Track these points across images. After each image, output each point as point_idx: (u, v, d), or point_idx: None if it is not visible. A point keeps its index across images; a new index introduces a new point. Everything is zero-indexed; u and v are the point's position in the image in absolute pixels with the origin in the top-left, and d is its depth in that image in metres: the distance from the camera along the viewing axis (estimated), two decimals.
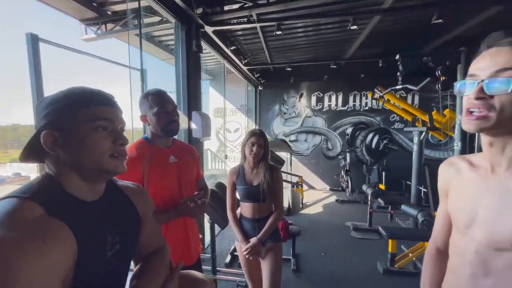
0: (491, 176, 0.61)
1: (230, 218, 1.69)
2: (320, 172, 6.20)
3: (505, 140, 0.56)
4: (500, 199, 0.58)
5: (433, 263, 0.79)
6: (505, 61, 0.52)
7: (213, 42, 3.34)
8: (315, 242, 3.34)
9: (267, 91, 6.43)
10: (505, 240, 0.56)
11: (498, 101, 0.52)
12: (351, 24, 2.72)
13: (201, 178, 1.39)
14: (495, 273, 0.58)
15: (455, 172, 0.71)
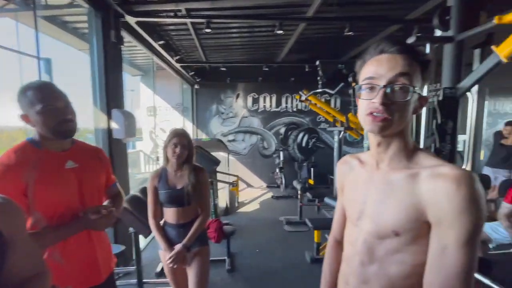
0: (376, 172, 0.66)
1: (152, 225, 1.56)
2: (257, 171, 6.39)
3: (391, 140, 0.62)
4: (383, 191, 0.63)
5: (332, 254, 0.84)
6: (402, 67, 0.57)
7: (138, 35, 3.06)
8: (251, 240, 3.41)
9: (204, 90, 6.28)
10: (386, 228, 0.61)
11: (397, 107, 0.57)
12: (277, 29, 2.86)
13: (113, 184, 1.24)
14: (378, 259, 0.63)
15: (348, 169, 0.77)
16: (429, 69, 0.60)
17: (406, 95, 0.56)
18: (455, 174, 0.53)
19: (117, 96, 2.61)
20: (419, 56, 0.58)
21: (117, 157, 2.53)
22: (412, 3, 3.01)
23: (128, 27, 2.78)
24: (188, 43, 4.39)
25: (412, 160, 0.62)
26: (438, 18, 1.56)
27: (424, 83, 0.60)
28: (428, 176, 0.56)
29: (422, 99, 0.61)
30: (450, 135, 1.60)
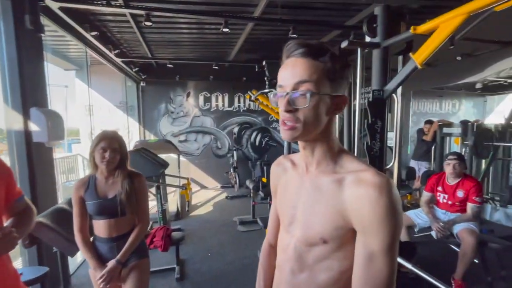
0: (306, 175, 0.65)
1: (78, 241, 1.37)
2: (211, 171, 6.25)
3: (314, 144, 0.62)
4: (312, 196, 0.62)
5: (266, 260, 0.81)
6: (301, 73, 0.55)
7: (65, 23, 2.68)
8: (203, 244, 3.30)
9: (151, 88, 5.88)
10: (315, 235, 0.60)
11: (302, 113, 0.56)
12: (223, 27, 2.81)
13: (17, 198, 1.03)
14: (308, 266, 0.62)
15: (282, 171, 0.74)
16: (339, 67, 0.57)
17: (306, 101, 0.55)
18: (377, 181, 0.53)
19: (38, 92, 2.24)
20: (324, 57, 0.56)
21: (39, 164, 2.18)
22: (350, 11, 3.26)
23: (51, 13, 2.41)
24: (130, 37, 4.03)
25: (338, 163, 0.62)
26: (367, 25, 1.70)
27: (336, 82, 0.58)
28: (352, 182, 0.57)
29: (339, 99, 0.59)
30: (380, 133, 1.76)
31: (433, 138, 4.29)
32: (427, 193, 2.60)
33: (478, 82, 5.49)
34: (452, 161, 2.41)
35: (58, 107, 6.69)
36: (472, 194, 2.32)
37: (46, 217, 1.53)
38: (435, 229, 2.32)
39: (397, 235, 0.53)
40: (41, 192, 2.13)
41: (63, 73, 5.65)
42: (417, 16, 3.27)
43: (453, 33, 1.34)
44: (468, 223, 2.27)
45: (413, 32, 1.43)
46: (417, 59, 1.46)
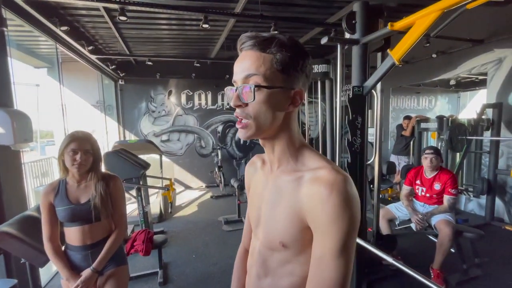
0: (270, 175, 0.62)
1: (48, 250, 1.28)
2: (195, 171, 6.14)
3: (273, 141, 0.58)
4: (273, 197, 0.59)
5: (240, 264, 0.78)
6: (249, 66, 0.52)
7: (30, 16, 2.50)
8: (187, 245, 3.22)
9: (130, 86, 5.67)
10: (274, 239, 0.57)
11: (251, 108, 0.53)
12: (202, 23, 2.74)
13: None
14: (271, 271, 0.59)
15: (253, 171, 0.71)
16: (291, 57, 0.52)
17: (251, 95, 0.52)
18: (329, 179, 0.50)
19: (1, 91, 2.07)
20: (271, 48, 0.51)
21: (6, 168, 2.03)
22: (332, 8, 3.28)
23: (14, 6, 2.23)
24: (105, 32, 3.86)
25: (299, 161, 0.58)
26: (346, 21, 1.71)
27: (289, 74, 0.53)
28: (308, 180, 0.53)
29: (294, 93, 0.55)
30: (360, 129, 1.78)
31: (412, 133, 4.44)
32: (407, 187, 2.68)
33: (452, 78, 5.74)
34: (429, 155, 2.50)
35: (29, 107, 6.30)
36: (448, 186, 2.41)
37: (11, 226, 1.42)
38: (414, 221, 2.39)
39: (350, 235, 0.50)
40: (8, 199, 1.98)
41: (33, 71, 5.32)
42: (395, 14, 3.35)
43: (428, 29, 1.36)
44: (445, 214, 2.36)
45: (391, 29, 1.45)
46: (395, 55, 1.48)
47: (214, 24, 3.57)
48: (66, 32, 3.01)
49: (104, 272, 1.35)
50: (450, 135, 3.32)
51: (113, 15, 3.12)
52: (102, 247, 1.34)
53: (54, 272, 2.62)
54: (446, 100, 7.69)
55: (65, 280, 1.29)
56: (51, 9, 2.83)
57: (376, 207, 2.05)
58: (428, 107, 7.47)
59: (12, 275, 1.96)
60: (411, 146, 4.57)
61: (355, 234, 0.51)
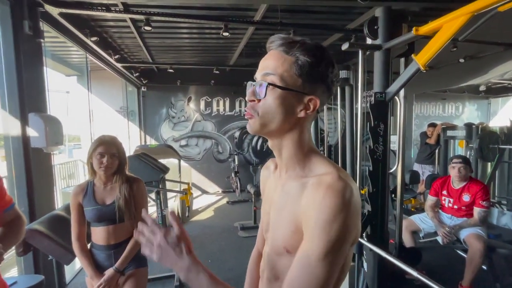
0: (279, 179, 0.62)
1: (76, 248, 1.34)
2: (212, 176, 6.21)
3: (280, 144, 0.58)
4: (281, 203, 0.59)
5: (253, 267, 0.79)
6: (269, 65, 0.53)
7: (65, 29, 2.69)
8: (203, 249, 3.25)
9: (152, 93, 5.89)
10: (279, 245, 0.57)
11: (261, 105, 0.54)
12: (223, 31, 2.80)
13: (8, 207, 1.00)
14: (280, 275, 0.59)
15: (267, 175, 0.71)
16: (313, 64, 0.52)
17: (263, 91, 0.53)
18: (327, 183, 0.49)
19: (37, 98, 2.23)
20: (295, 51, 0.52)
21: (38, 169, 2.16)
22: (352, 14, 3.24)
23: (51, 19, 2.41)
24: (130, 42, 4.05)
25: (306, 167, 0.57)
26: (367, 27, 1.68)
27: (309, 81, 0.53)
28: (312, 185, 0.52)
29: (309, 100, 0.54)
30: (382, 137, 1.72)
31: (437, 141, 4.23)
32: (432, 197, 2.54)
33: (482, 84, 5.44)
34: (457, 165, 2.36)
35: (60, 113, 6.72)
36: (479, 198, 2.26)
37: (42, 224, 1.50)
38: (441, 234, 2.25)
39: (338, 243, 0.47)
40: (39, 199, 2.11)
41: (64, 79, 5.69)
42: (418, 18, 3.25)
43: (456, 34, 1.31)
44: (475, 228, 2.21)
45: (415, 33, 1.40)
46: (420, 61, 1.43)
47: (234, 32, 3.64)
48: (95, 42, 3.20)
49: (125, 272, 1.39)
50: (480, 144, 3.13)
51: (138, 25, 3.27)
52: (125, 247, 1.38)
53: (77, 270, 2.73)
54: (475, 106, 7.28)
55: (89, 278, 1.34)
56: (83, 22, 3.03)
57: (399, 218, 1.96)
58: (455, 114, 7.11)
59: (39, 271, 2.07)
60: (436, 154, 4.35)
61: (346, 243, 0.49)
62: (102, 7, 2.43)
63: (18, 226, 1.00)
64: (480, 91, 6.42)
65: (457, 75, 4.26)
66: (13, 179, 1.97)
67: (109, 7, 2.45)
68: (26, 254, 1.42)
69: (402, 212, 2.02)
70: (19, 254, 1.41)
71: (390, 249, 2.12)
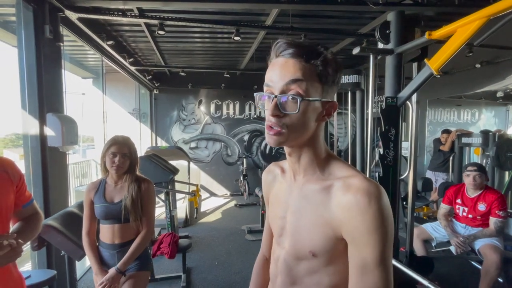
0: (294, 184, 0.62)
1: (85, 243, 1.37)
2: (221, 179, 6.24)
3: (300, 151, 0.58)
4: (299, 206, 0.59)
5: (259, 271, 0.79)
6: (293, 73, 0.51)
7: (83, 33, 2.80)
8: (210, 252, 3.25)
9: (164, 96, 6.01)
10: (303, 248, 0.57)
11: (289, 119, 0.52)
12: (234, 35, 2.84)
13: (28, 202, 1.04)
14: (298, 280, 0.59)
15: (272, 179, 0.71)
16: (332, 71, 0.53)
17: (296, 106, 0.51)
18: (365, 187, 0.50)
19: (55, 99, 2.32)
20: (316, 60, 0.51)
21: (54, 168, 2.23)
22: (363, 19, 3.23)
23: (70, 24, 2.51)
24: (144, 46, 4.17)
25: (326, 171, 0.58)
26: (379, 31, 1.67)
27: (327, 86, 0.54)
28: (340, 189, 0.53)
29: (329, 105, 0.55)
30: (393, 142, 1.69)
31: (451, 148, 4.11)
32: (445, 206, 2.46)
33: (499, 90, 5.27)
34: (472, 173, 2.29)
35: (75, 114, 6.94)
36: (495, 207, 2.18)
37: (55, 220, 1.55)
38: (454, 244, 2.18)
39: (389, 244, 0.50)
40: (53, 196, 2.18)
41: (80, 81, 5.88)
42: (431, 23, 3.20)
43: (472, 38, 1.28)
44: (491, 238, 2.12)
45: (429, 38, 1.38)
46: (433, 66, 1.41)
47: (245, 37, 3.69)
48: (111, 46, 3.31)
49: (126, 273, 1.39)
50: (497, 152, 3.02)
51: (152, 30, 3.37)
52: (128, 248, 1.39)
53: (87, 268, 2.79)
54: (492, 113, 7.04)
55: (94, 274, 1.36)
56: (100, 26, 3.14)
57: (410, 226, 1.91)
58: (471, 121, 6.89)
59: (52, 266, 2.13)
60: (450, 162, 4.23)
61: (392, 242, 0.51)
62: (118, 12, 2.52)
63: (35, 221, 1.04)
64: (497, 98, 6.21)
65: (473, 81, 4.15)
66: (30, 176, 2.05)
67: (125, 12, 2.53)
68: (40, 248, 1.47)
69: (413, 220, 1.97)
70: (33, 249, 1.46)
71: (401, 257, 2.07)
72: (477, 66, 3.85)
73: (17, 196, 0.98)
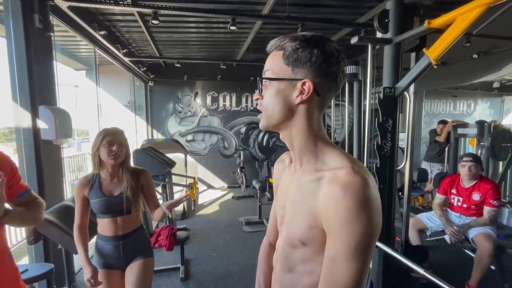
0: (295, 173, 0.62)
1: (76, 236, 1.35)
2: (218, 171, 6.24)
3: (290, 137, 0.59)
4: (296, 196, 0.60)
5: (264, 258, 0.80)
6: (266, 64, 0.58)
7: (74, 22, 2.71)
8: (208, 243, 3.28)
9: (159, 88, 5.92)
10: (295, 237, 0.58)
11: (264, 101, 0.58)
12: (230, 25, 2.78)
13: (23, 191, 1.02)
14: (293, 268, 0.61)
15: (282, 168, 0.72)
16: (296, 49, 0.54)
17: (261, 88, 0.58)
18: (345, 180, 0.49)
19: (47, 91, 2.27)
20: (284, 44, 0.55)
21: (48, 161, 2.20)
22: (362, 8, 3.18)
23: (60, 13, 2.44)
24: (138, 36, 4.07)
25: (320, 159, 0.57)
26: (378, 20, 1.64)
27: (295, 66, 0.54)
28: (327, 180, 0.52)
29: (302, 83, 0.54)
30: (391, 133, 1.69)
31: (447, 139, 4.14)
32: (441, 196, 2.50)
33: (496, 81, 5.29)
34: (467, 163, 2.31)
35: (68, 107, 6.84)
36: (489, 197, 2.21)
37: (52, 214, 1.53)
38: (449, 233, 2.22)
39: (364, 239, 0.48)
40: (49, 190, 2.15)
41: (73, 73, 5.76)
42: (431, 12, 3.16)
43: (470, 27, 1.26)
44: (484, 227, 2.16)
45: (428, 26, 1.36)
46: (431, 55, 1.39)
47: (241, 27, 3.61)
48: (103, 36, 3.22)
49: (132, 262, 1.41)
50: (492, 142, 3.05)
51: (146, 19, 3.28)
52: (132, 238, 1.41)
53: None
54: (487, 104, 7.09)
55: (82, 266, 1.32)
56: (91, 15, 3.05)
57: (406, 216, 1.93)
58: (466, 112, 6.94)
59: (49, 260, 2.12)
60: (445, 153, 4.26)
61: (372, 239, 0.49)
62: (110, 0, 2.44)
63: (36, 204, 1.03)
64: (493, 88, 6.24)
65: (470, 72, 4.14)
66: (24, 170, 2.02)
67: (117, 0, 2.46)
68: (36, 242, 1.46)
69: (409, 210, 1.99)
70: (30, 243, 1.45)
71: (396, 246, 2.10)
72: (474, 56, 3.84)
73: (10, 186, 0.96)
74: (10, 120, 2.29)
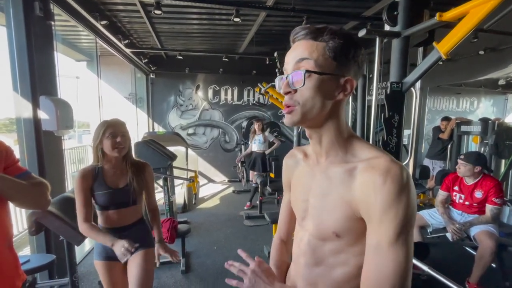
0: (317, 167, 0.62)
1: (86, 229, 1.32)
2: (219, 165, 6.24)
3: (320, 132, 0.58)
4: (323, 189, 0.59)
5: (276, 253, 0.80)
6: (301, 52, 0.54)
7: (75, 11, 2.66)
8: (209, 237, 3.29)
9: (161, 80, 5.87)
10: (327, 229, 0.58)
11: (300, 94, 0.54)
12: (234, 16, 2.73)
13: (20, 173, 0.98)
14: (323, 261, 0.61)
15: (294, 163, 0.72)
16: (342, 44, 0.52)
17: (302, 80, 0.52)
18: (383, 167, 0.50)
19: (48, 81, 2.24)
20: (323, 36, 0.53)
21: (49, 153, 2.19)
22: (368, 1, 3.11)
23: (61, 1, 2.39)
24: (140, 27, 4.01)
25: (349, 152, 0.58)
26: (386, 13, 1.60)
27: (342, 62, 0.53)
28: (363, 170, 0.53)
29: (346, 81, 0.54)
30: (396, 129, 1.67)
31: (450, 136, 4.11)
32: (443, 193, 2.49)
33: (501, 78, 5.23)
34: (459, 161, 2.33)
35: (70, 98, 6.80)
36: (492, 195, 2.20)
37: (53, 205, 1.52)
38: (450, 230, 2.21)
39: (407, 224, 0.48)
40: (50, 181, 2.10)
41: (74, 64, 5.70)
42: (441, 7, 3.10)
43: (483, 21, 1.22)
44: (486, 225, 2.16)
45: (439, 19, 1.32)
46: (442, 49, 1.36)
47: (244, 19, 3.55)
48: (105, 27, 3.17)
49: (134, 253, 1.40)
50: (496, 140, 3.03)
51: (148, 10, 3.22)
52: (135, 229, 1.41)
53: (87, 252, 2.81)
54: (490, 102, 7.03)
55: (111, 245, 1.26)
56: (92, 4, 2.99)
57: None
58: (469, 109, 6.89)
59: (51, 251, 2.13)
60: (448, 150, 4.24)
61: (413, 223, 0.50)
62: None
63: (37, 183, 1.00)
64: (498, 86, 6.18)
65: (476, 68, 4.09)
66: (25, 161, 2.00)
67: None
68: (38, 233, 1.45)
69: None
70: (31, 233, 1.44)
71: None
72: (481, 53, 3.78)
73: (5, 167, 0.94)
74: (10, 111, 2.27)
